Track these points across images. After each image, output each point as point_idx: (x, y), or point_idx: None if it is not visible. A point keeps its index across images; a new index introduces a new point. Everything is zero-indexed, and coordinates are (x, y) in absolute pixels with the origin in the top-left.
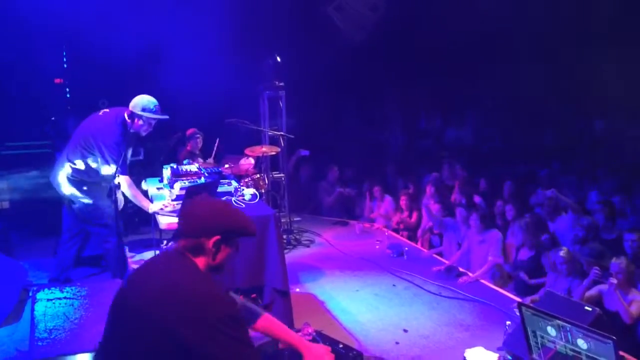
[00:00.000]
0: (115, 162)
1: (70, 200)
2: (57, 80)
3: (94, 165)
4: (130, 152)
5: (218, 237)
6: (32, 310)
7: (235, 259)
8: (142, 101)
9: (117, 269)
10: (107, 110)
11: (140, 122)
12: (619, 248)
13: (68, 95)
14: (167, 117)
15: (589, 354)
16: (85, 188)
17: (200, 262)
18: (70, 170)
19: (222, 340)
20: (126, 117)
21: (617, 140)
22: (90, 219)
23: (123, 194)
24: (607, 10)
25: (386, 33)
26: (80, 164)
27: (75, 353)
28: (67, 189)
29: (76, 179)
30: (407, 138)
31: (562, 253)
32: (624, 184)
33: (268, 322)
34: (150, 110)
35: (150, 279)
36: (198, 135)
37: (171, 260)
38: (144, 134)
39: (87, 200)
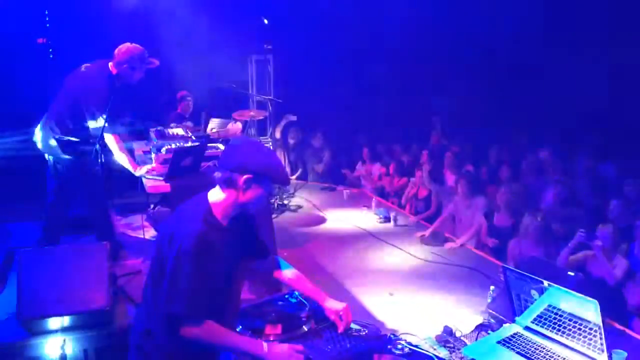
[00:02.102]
0: (104, 120)
1: (56, 162)
2: (40, 40)
3: (80, 123)
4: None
5: (250, 175)
6: (18, 272)
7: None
8: (128, 50)
9: (103, 231)
10: (89, 65)
11: (129, 71)
12: (601, 216)
13: (51, 56)
14: (157, 62)
15: (572, 315)
16: (70, 148)
17: (229, 196)
18: (55, 130)
19: (177, 271)
20: (111, 70)
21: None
22: (75, 180)
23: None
24: None
25: None
26: (66, 123)
27: (62, 314)
28: (52, 150)
29: (62, 139)
30: (398, 104)
31: (538, 217)
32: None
33: (295, 277)
34: (138, 58)
35: (173, 216)
36: (189, 98)
37: (193, 200)
38: (134, 82)
39: (72, 161)
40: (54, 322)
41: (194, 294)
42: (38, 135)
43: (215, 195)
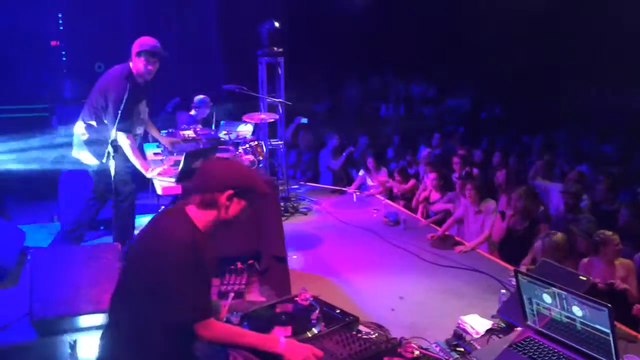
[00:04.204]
0: (120, 116)
1: (86, 165)
2: (53, 43)
3: (105, 122)
4: (142, 108)
5: (231, 191)
6: (31, 272)
7: (248, 216)
8: (141, 42)
9: (120, 235)
10: (117, 67)
11: (143, 63)
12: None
13: (64, 59)
14: (167, 54)
15: (583, 320)
16: (98, 151)
17: (210, 215)
18: (85, 132)
19: (173, 283)
20: (131, 68)
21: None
22: (102, 184)
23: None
24: None
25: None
26: (93, 124)
27: (74, 314)
28: (83, 155)
29: (91, 141)
30: (407, 106)
31: (555, 237)
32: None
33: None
34: (150, 48)
35: (148, 227)
36: (211, 105)
37: (169, 213)
38: (148, 76)
39: (98, 165)
40: (66, 323)
41: (196, 297)
42: (75, 145)
43: (196, 213)
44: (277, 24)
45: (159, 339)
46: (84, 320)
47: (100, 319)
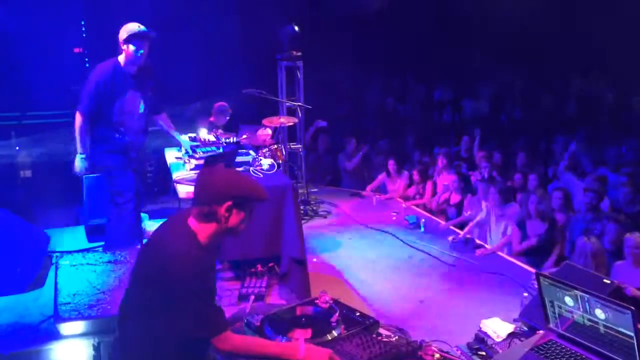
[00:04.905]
0: (83, 96)
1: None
2: (77, 50)
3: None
4: (130, 99)
5: (230, 202)
6: (56, 276)
7: (251, 224)
8: (126, 29)
9: (129, 238)
10: None
11: (134, 49)
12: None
13: (87, 65)
14: (154, 34)
15: (606, 324)
16: (101, 150)
17: (210, 227)
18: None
19: (177, 298)
20: (119, 59)
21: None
22: (108, 185)
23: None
24: None
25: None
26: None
27: (97, 317)
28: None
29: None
30: (427, 110)
31: (591, 240)
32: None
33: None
34: (138, 30)
35: (152, 240)
36: (230, 111)
37: (172, 225)
38: (138, 61)
39: (104, 165)
40: (89, 325)
41: (208, 312)
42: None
43: (197, 225)
44: (297, 28)
45: (172, 351)
46: (108, 323)
47: None
